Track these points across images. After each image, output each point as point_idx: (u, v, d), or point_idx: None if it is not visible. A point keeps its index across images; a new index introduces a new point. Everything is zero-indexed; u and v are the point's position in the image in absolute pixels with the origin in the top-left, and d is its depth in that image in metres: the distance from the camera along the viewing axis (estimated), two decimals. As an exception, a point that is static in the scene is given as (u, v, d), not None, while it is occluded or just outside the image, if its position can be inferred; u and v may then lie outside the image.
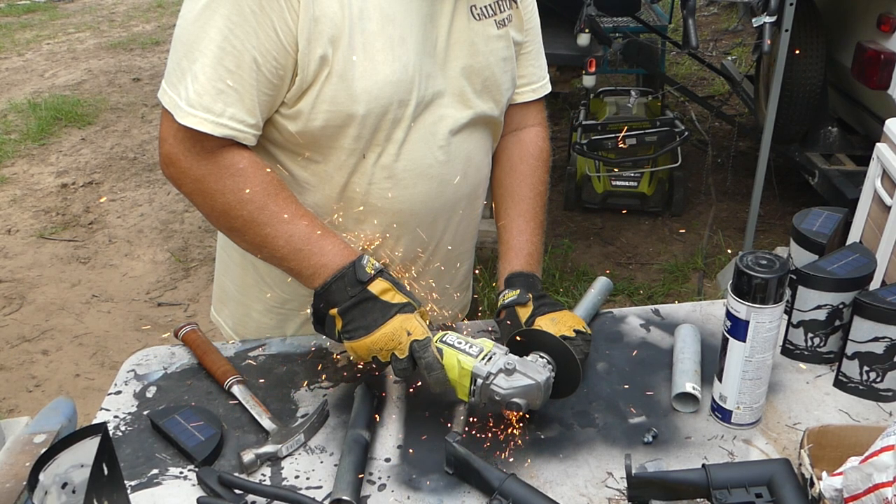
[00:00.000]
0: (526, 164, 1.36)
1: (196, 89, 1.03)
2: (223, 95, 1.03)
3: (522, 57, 1.31)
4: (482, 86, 1.20)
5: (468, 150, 1.22)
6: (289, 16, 1.02)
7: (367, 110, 1.09)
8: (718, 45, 6.27)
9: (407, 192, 1.18)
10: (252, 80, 1.04)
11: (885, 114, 2.87)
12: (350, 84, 1.07)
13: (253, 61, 1.03)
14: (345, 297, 1.05)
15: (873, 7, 3.33)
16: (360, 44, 1.06)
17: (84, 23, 8.91)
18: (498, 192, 1.38)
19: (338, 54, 1.05)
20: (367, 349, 1.05)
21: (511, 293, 1.23)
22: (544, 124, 1.41)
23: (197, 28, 1.03)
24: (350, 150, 1.13)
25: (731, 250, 3.71)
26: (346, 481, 0.97)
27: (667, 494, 0.91)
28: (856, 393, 1.14)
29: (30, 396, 3.03)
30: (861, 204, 1.57)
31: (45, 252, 4.12)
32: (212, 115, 1.04)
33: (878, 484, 0.82)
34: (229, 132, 1.06)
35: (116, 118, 5.95)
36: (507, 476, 0.96)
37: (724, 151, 4.65)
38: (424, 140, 1.16)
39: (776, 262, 1.00)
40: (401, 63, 1.09)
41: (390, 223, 1.20)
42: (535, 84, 1.36)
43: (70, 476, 0.86)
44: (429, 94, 1.14)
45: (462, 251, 1.37)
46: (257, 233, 1.09)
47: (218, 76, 1.03)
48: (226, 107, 1.04)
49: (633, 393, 1.16)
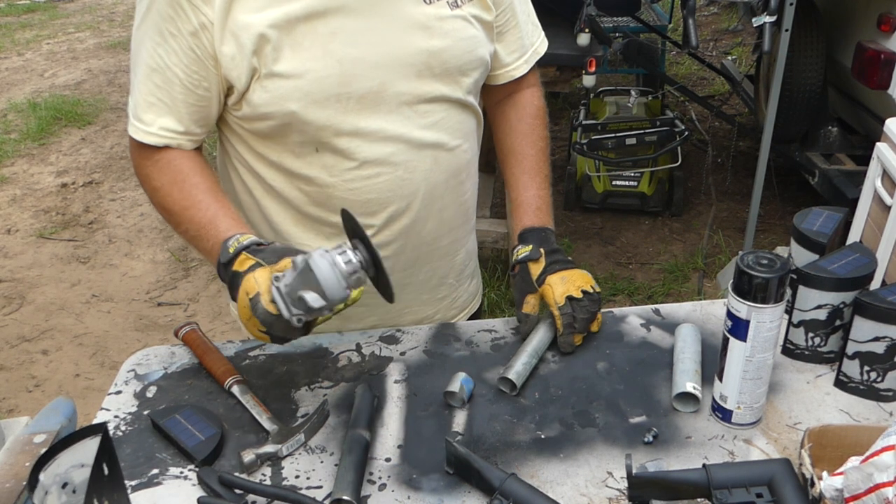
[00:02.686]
0: (524, 123, 1.39)
1: (134, 101, 1.16)
2: (154, 108, 1.15)
3: (505, 34, 1.31)
4: (442, 69, 1.19)
5: (436, 136, 1.22)
6: (203, 36, 1.09)
7: (302, 107, 1.12)
8: (718, 45, 6.27)
9: (370, 182, 1.19)
10: (177, 94, 1.13)
11: (885, 114, 2.87)
12: (282, 85, 1.10)
13: (175, 77, 1.12)
14: (225, 282, 1.09)
15: (873, 7, 3.33)
16: (287, 46, 1.09)
17: (84, 22, 8.91)
18: (501, 154, 1.42)
19: (265, 60, 1.09)
20: (245, 324, 1.03)
21: (524, 249, 1.28)
22: (538, 84, 1.44)
23: (135, 47, 1.15)
24: (301, 145, 1.17)
25: (732, 250, 3.71)
26: (346, 481, 0.97)
27: (667, 494, 0.91)
28: (856, 393, 1.14)
29: (30, 396, 3.03)
30: (861, 204, 1.57)
31: (45, 252, 4.11)
32: (144, 125, 1.16)
33: (879, 484, 0.82)
34: (160, 140, 1.16)
35: (116, 118, 5.95)
36: (508, 476, 0.96)
37: (724, 151, 4.65)
38: (381, 129, 1.17)
39: (777, 261, 1.00)
40: (333, 58, 1.11)
41: (363, 213, 1.20)
42: (525, 55, 1.36)
43: (70, 476, 0.86)
44: (376, 84, 1.14)
45: (454, 239, 1.37)
46: (172, 221, 1.18)
47: (148, 90, 1.14)
48: (156, 117, 1.15)
49: (633, 393, 1.16)
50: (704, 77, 6.01)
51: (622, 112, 4.19)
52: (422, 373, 1.22)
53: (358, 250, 0.98)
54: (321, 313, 0.98)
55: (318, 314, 0.98)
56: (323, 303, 0.95)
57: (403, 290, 1.33)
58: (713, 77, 5.73)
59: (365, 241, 0.98)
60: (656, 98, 4.39)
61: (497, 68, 1.34)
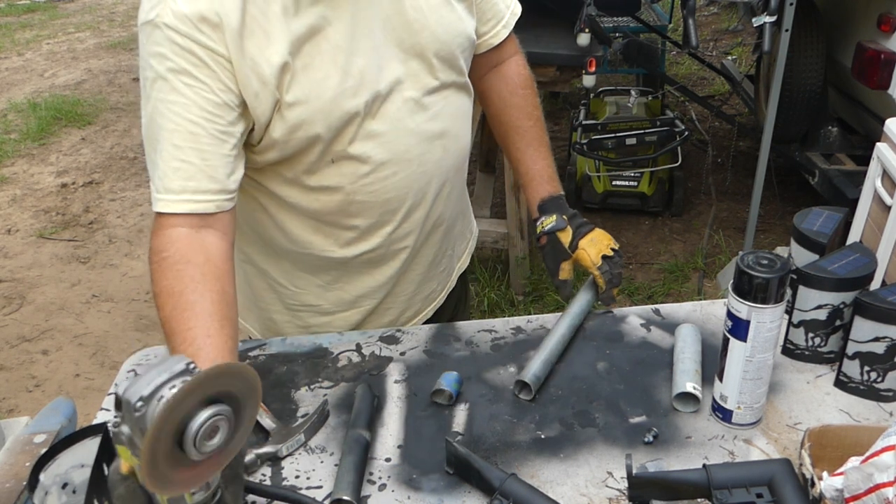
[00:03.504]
0: (517, 96, 1.40)
1: (158, 175, 1.06)
2: (179, 172, 1.04)
3: (483, 3, 1.30)
4: (438, 58, 1.19)
5: (443, 125, 1.23)
6: (224, 78, 1.03)
7: (327, 126, 1.11)
8: (718, 45, 6.26)
9: (388, 182, 1.20)
10: (205, 146, 1.04)
11: (885, 114, 2.87)
12: (303, 111, 1.09)
13: (201, 129, 1.04)
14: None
15: (873, 7, 3.33)
16: (300, 69, 1.07)
17: (84, 22, 8.91)
18: (500, 130, 1.43)
19: (283, 90, 1.07)
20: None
21: (549, 219, 1.34)
22: (520, 51, 1.44)
23: (147, 121, 1.06)
24: (317, 162, 1.15)
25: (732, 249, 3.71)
26: (346, 481, 0.97)
27: (667, 494, 0.91)
28: (856, 393, 1.14)
29: (30, 396, 3.03)
30: (861, 204, 1.57)
31: (45, 252, 4.11)
32: (172, 194, 1.05)
33: (879, 484, 0.82)
34: (190, 207, 1.05)
35: (116, 118, 5.95)
36: (508, 476, 0.96)
37: (724, 151, 4.65)
38: (394, 129, 1.17)
39: (777, 261, 1.00)
40: (343, 72, 1.10)
41: (384, 212, 1.22)
42: (503, 19, 1.35)
43: (70, 476, 0.86)
44: (384, 86, 1.14)
45: (456, 213, 1.40)
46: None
47: (171, 156, 1.04)
48: (185, 182, 1.04)
49: (633, 393, 1.16)
50: (704, 77, 6.00)
51: (622, 112, 4.19)
52: (422, 373, 1.22)
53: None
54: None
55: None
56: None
57: (415, 271, 1.36)
58: (713, 77, 5.73)
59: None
60: (656, 98, 4.39)
61: (476, 38, 1.31)
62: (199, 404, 0.72)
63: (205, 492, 0.81)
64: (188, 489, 0.78)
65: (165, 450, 0.71)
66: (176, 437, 0.72)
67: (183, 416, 0.71)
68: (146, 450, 0.69)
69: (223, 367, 0.73)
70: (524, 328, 1.32)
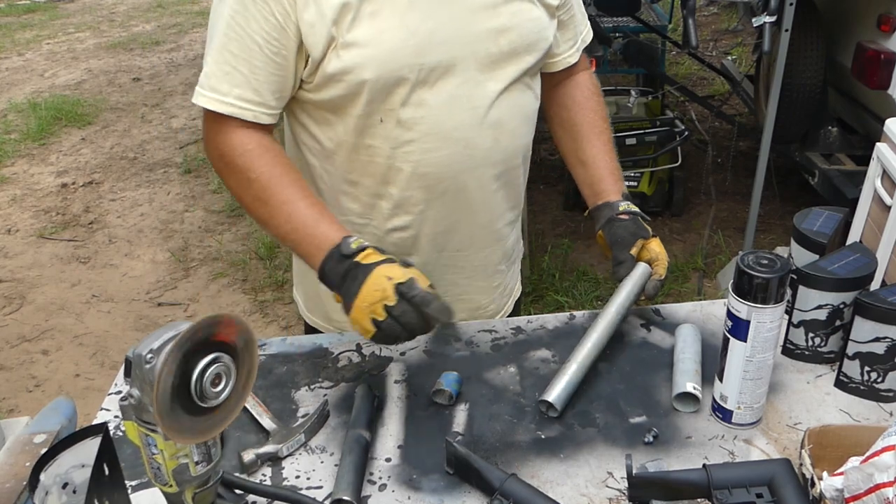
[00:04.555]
0: (592, 100, 1.45)
1: (206, 72, 1.15)
2: (229, 77, 1.13)
3: (566, 22, 1.34)
4: (508, 48, 1.20)
5: (499, 115, 1.23)
6: (286, 2, 1.09)
7: (377, 76, 1.13)
8: (718, 45, 6.26)
9: (430, 155, 1.20)
10: (257, 62, 1.12)
11: (885, 114, 2.87)
12: (358, 54, 1.11)
13: (255, 44, 1.11)
14: (335, 274, 1.10)
15: (873, 7, 3.33)
16: (366, 15, 1.10)
17: (84, 23, 8.91)
18: (573, 130, 1.44)
19: (342, 29, 1.10)
20: (361, 312, 1.05)
21: (634, 206, 1.37)
22: (589, 67, 1.48)
23: (213, 19, 1.15)
24: (367, 115, 1.17)
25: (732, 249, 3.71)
26: (346, 481, 0.97)
27: (667, 494, 0.91)
28: (857, 393, 1.14)
29: (30, 396, 3.03)
30: (861, 204, 1.57)
31: (45, 252, 4.12)
32: (218, 94, 1.14)
33: (880, 484, 0.82)
34: (235, 110, 1.14)
35: (116, 118, 5.95)
36: (508, 476, 0.96)
37: (724, 151, 4.65)
38: (447, 103, 1.18)
39: (777, 261, 1.00)
40: (408, 30, 1.12)
41: (419, 187, 1.23)
42: (577, 43, 1.40)
43: (71, 476, 0.86)
44: (447, 59, 1.16)
45: (507, 223, 1.38)
46: (262, 211, 1.17)
47: (224, 59, 1.13)
48: (232, 87, 1.14)
49: (633, 393, 1.16)
50: (704, 77, 6.01)
51: (622, 112, 4.18)
52: (422, 373, 1.21)
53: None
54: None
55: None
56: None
57: (458, 273, 1.36)
58: (713, 77, 5.73)
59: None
60: (656, 98, 4.39)
61: (554, 56, 1.37)
62: (200, 354, 0.79)
63: (207, 463, 0.87)
64: (202, 438, 0.83)
65: (175, 397, 0.77)
66: (184, 388, 0.78)
67: (186, 365, 0.78)
68: (157, 395, 0.75)
69: (216, 317, 0.80)
70: (524, 328, 1.32)
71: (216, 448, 0.88)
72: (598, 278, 3.57)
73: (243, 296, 3.66)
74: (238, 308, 3.55)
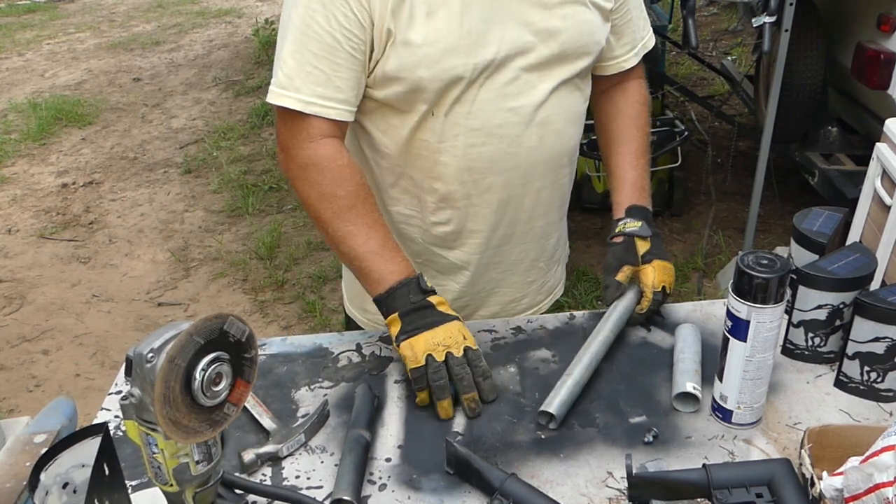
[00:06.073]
0: (632, 108, 1.43)
1: (285, 72, 1.15)
2: (311, 77, 1.14)
3: (622, 27, 1.34)
4: (559, 49, 1.21)
5: (546, 115, 1.24)
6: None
7: (431, 75, 1.15)
8: (718, 45, 6.26)
9: (476, 150, 1.22)
10: (340, 60, 1.14)
11: (885, 114, 2.87)
12: (414, 52, 1.13)
13: (336, 42, 1.13)
14: (406, 302, 1.14)
15: (873, 7, 3.32)
16: (422, 13, 1.12)
17: (84, 23, 8.91)
18: (606, 137, 1.45)
19: (399, 25, 1.12)
20: (427, 342, 1.10)
21: (633, 223, 1.32)
22: (644, 77, 1.47)
23: (286, 17, 1.16)
24: (419, 109, 1.19)
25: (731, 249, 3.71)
26: (346, 481, 0.97)
27: (667, 494, 0.91)
28: (856, 393, 1.14)
29: (30, 396, 3.03)
30: (861, 204, 1.57)
31: (46, 252, 4.12)
32: (301, 94, 1.15)
33: (879, 484, 0.82)
34: (319, 109, 1.16)
35: (116, 118, 5.95)
36: (508, 476, 0.96)
37: (723, 151, 4.65)
38: (495, 100, 1.20)
39: (777, 261, 1.00)
40: (464, 29, 1.14)
41: (464, 181, 1.24)
42: (636, 48, 1.39)
43: (71, 476, 0.86)
44: (500, 58, 1.17)
45: (549, 222, 1.39)
46: (340, 228, 1.19)
47: (304, 59, 1.14)
48: (314, 86, 1.15)
49: (633, 393, 1.16)
50: (704, 77, 6.00)
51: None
52: (422, 373, 1.21)
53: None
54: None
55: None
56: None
57: (495, 268, 1.37)
58: (713, 77, 5.72)
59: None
60: (656, 98, 4.38)
61: (608, 59, 1.37)
62: (201, 353, 0.79)
63: (207, 463, 0.87)
64: (204, 437, 0.83)
65: (176, 396, 0.78)
66: (185, 387, 0.79)
67: (187, 363, 0.78)
68: (159, 393, 0.76)
69: (215, 315, 0.81)
70: (524, 328, 1.32)
71: (216, 447, 0.89)
72: (599, 278, 3.57)
73: (243, 296, 3.66)
74: (238, 308, 3.55)
